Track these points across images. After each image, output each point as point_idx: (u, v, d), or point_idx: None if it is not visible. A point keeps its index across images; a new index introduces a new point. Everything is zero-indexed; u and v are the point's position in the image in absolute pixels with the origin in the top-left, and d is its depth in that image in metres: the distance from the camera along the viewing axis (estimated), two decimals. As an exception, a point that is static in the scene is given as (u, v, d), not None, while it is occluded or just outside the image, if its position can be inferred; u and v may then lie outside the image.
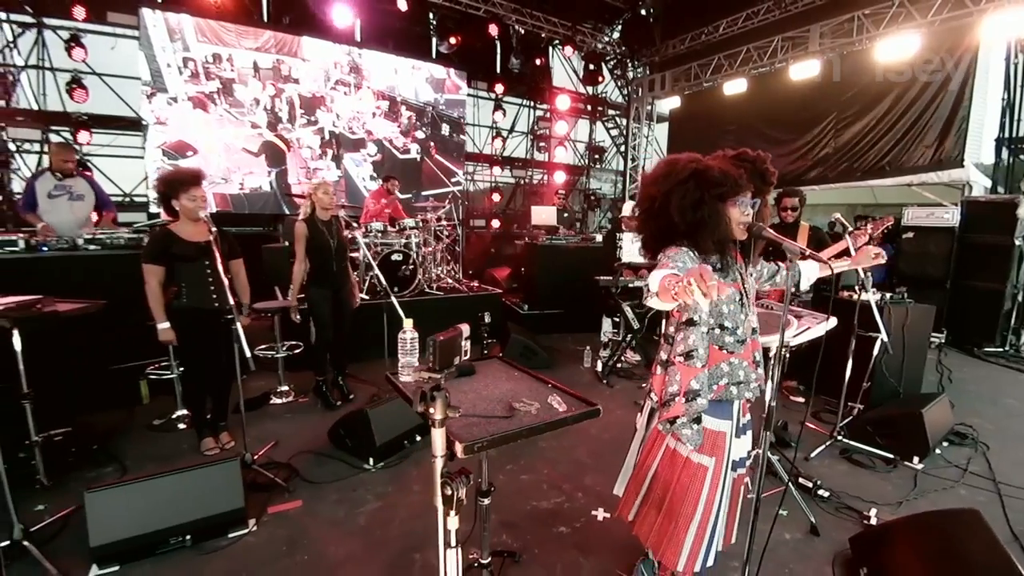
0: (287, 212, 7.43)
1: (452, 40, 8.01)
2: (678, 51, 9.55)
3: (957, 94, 6.20)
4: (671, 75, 9.85)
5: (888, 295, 3.84)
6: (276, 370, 4.04)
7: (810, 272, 1.95)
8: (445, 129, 9.17)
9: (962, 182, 6.48)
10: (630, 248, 4.46)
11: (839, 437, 3.34)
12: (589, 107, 11.61)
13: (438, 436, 0.94)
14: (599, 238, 6.68)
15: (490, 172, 11.00)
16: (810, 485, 2.74)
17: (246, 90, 6.99)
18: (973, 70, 6.08)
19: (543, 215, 6.73)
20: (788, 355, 3.16)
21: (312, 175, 7.79)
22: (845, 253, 2.44)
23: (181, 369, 3.43)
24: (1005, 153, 6.51)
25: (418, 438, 3.25)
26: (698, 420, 1.60)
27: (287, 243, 5.80)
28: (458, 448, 1.24)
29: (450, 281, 6.03)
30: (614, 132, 12.29)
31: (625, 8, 9.75)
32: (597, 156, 11.98)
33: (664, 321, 1.86)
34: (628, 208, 5.05)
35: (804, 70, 7.46)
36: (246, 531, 2.33)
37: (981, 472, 2.98)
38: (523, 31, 8.86)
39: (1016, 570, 1.63)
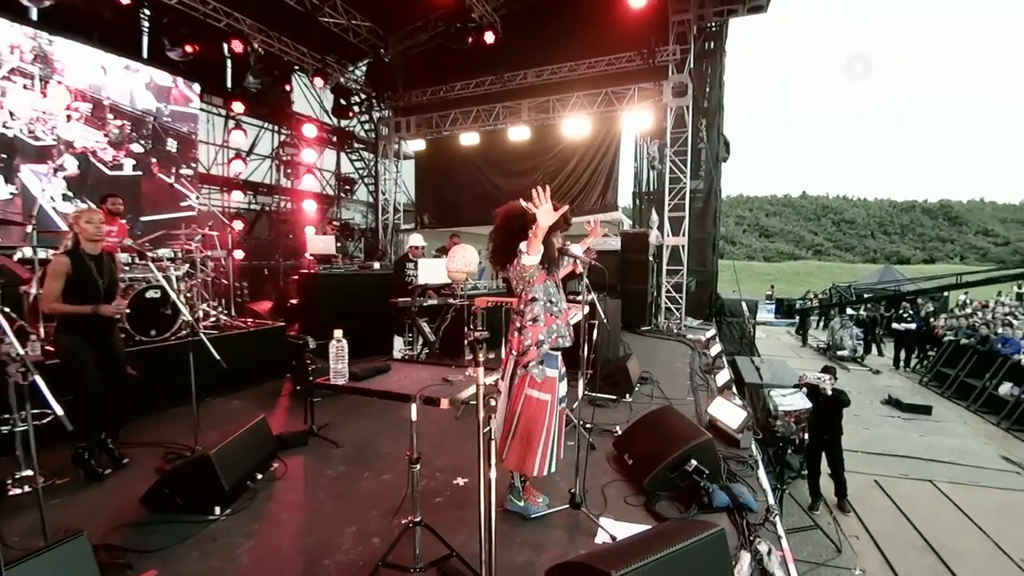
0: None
1: (188, 48, 7.14)
2: (420, 100, 10.85)
3: (611, 161, 9.31)
4: (415, 120, 11.07)
5: (596, 295, 5.68)
6: (13, 451, 3.07)
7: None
8: (172, 144, 7.95)
9: (618, 220, 9.67)
10: (426, 272, 5.14)
11: (586, 392, 4.81)
12: (335, 138, 11.78)
13: (481, 371, 1.45)
14: (377, 265, 7.12)
15: (223, 196, 9.87)
16: (581, 423, 3.98)
17: None
18: (619, 145, 9.26)
19: (320, 244, 6.70)
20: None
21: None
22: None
23: None
24: (637, 201, 10.07)
25: (259, 476, 3.13)
26: (541, 363, 2.50)
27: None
28: (444, 403, 1.75)
29: (222, 318, 5.46)
30: (359, 164, 12.77)
31: (369, 52, 10.50)
32: (347, 187, 12.20)
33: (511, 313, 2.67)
34: (415, 239, 5.75)
35: (519, 133, 9.73)
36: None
37: (659, 397, 4.85)
38: (263, 51, 8.55)
39: (696, 426, 3.07)
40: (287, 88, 9.63)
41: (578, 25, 8.95)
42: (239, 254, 9.48)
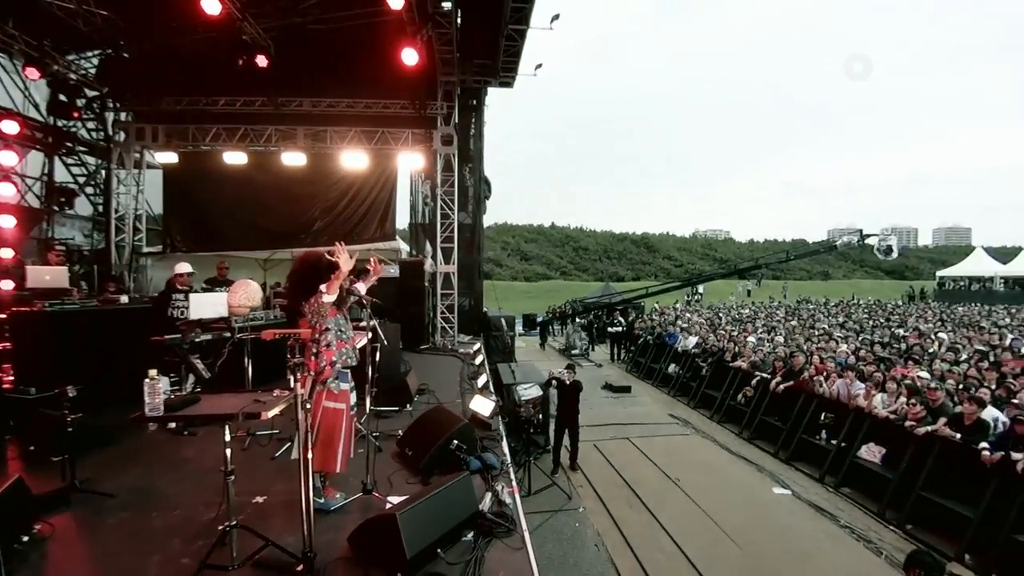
0: None
1: None
2: (173, 108, 9.74)
3: (389, 194, 10.15)
4: (165, 129, 9.88)
5: (378, 321, 6.42)
6: None
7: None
8: None
9: (397, 249, 10.54)
10: (200, 306, 5.00)
11: (371, 407, 5.47)
12: (49, 139, 9.52)
13: (300, 384, 2.05)
14: (125, 299, 6.32)
15: None
16: (370, 432, 4.65)
17: None
18: (396, 180, 10.17)
19: (46, 277, 5.50)
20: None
21: None
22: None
23: None
24: (414, 231, 11.15)
25: (24, 539, 2.87)
26: (336, 379, 3.20)
27: None
28: (269, 413, 2.32)
29: None
30: (77, 171, 10.56)
31: (101, 42, 9.00)
32: (63, 199, 9.93)
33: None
34: (183, 267, 5.46)
35: (293, 159, 9.74)
36: None
37: (435, 402, 5.84)
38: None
39: (459, 416, 4.12)
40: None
41: (357, 67, 9.51)
42: None
